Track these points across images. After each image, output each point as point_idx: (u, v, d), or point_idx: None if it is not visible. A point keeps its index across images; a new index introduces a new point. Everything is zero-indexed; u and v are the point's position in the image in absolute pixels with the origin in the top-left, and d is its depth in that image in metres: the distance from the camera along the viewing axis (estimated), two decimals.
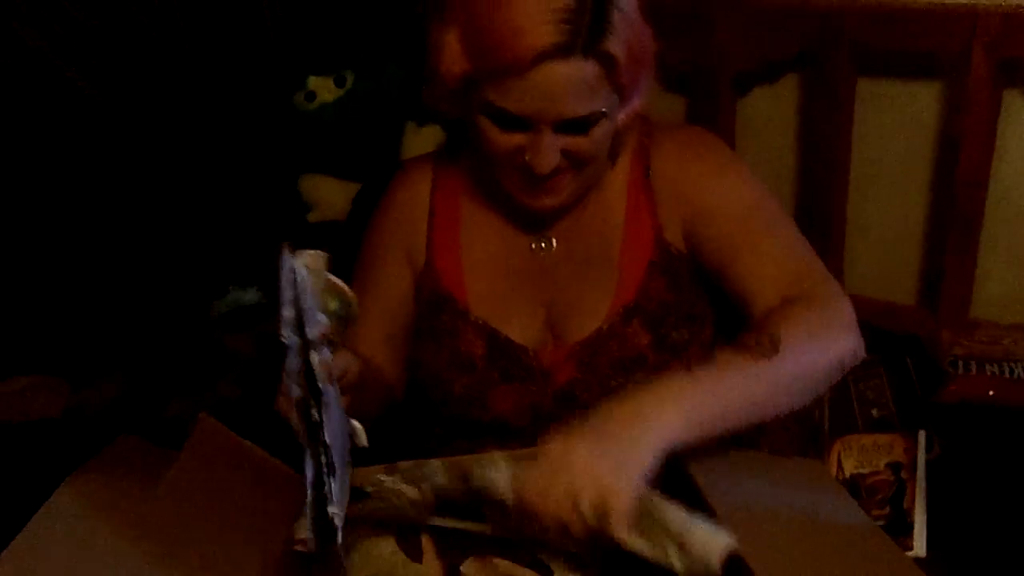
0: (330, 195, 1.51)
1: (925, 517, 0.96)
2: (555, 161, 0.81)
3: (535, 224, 0.94)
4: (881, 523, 0.96)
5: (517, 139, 0.81)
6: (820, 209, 1.39)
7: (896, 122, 1.31)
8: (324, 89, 1.41)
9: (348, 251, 1.36)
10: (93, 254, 1.42)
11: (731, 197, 0.89)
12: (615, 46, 0.78)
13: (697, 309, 0.91)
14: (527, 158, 0.82)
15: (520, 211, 0.92)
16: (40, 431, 1.22)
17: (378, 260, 0.99)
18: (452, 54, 0.81)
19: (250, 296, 1.43)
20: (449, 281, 0.94)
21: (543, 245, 0.94)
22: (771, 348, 0.76)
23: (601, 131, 0.83)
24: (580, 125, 0.81)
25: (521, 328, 0.92)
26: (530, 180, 0.84)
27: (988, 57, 1.15)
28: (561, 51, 0.75)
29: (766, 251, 0.86)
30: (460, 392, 0.92)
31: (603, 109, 0.81)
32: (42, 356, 1.37)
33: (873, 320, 1.33)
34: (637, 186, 0.92)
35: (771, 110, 1.42)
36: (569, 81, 0.77)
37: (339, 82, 1.42)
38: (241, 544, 0.70)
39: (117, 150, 1.41)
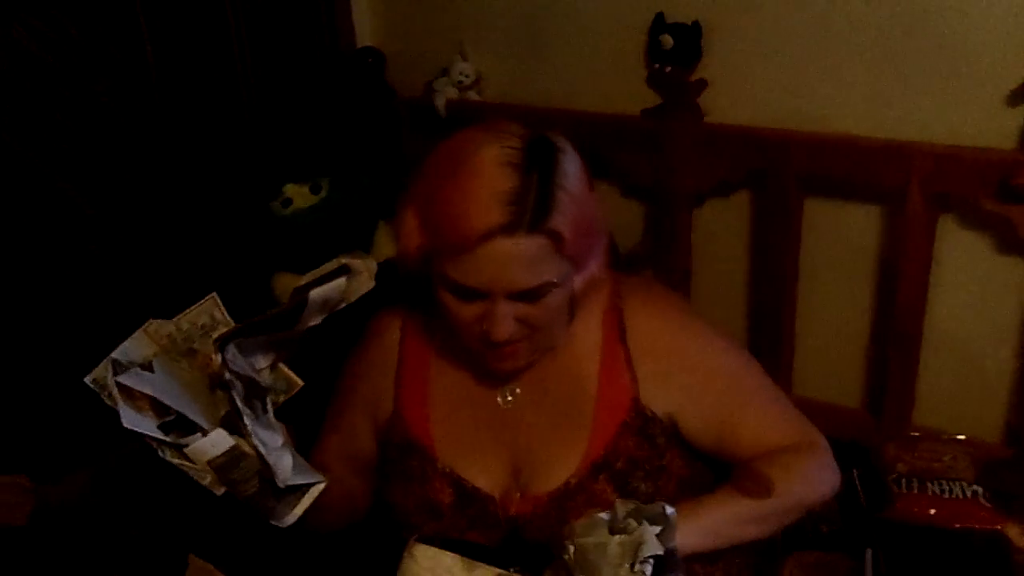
0: None
1: None
2: (510, 329, 0.85)
3: (500, 377, 0.97)
4: None
5: (475, 308, 0.86)
6: (770, 316, 1.46)
7: (840, 240, 1.40)
8: (300, 196, 1.46)
9: (315, 349, 1.40)
10: (58, 346, 1.43)
11: (718, 371, 0.95)
12: (560, 223, 0.82)
13: (665, 462, 0.94)
14: (484, 327, 0.86)
15: (485, 365, 0.96)
16: (8, 540, 1.21)
17: (347, 406, 1.05)
18: (410, 229, 0.88)
19: None
20: (417, 429, 0.98)
21: (509, 398, 0.98)
22: (765, 492, 0.88)
23: (554, 300, 0.87)
24: (532, 295, 0.85)
25: (487, 477, 0.95)
26: (489, 345, 0.88)
27: (923, 190, 1.24)
28: (506, 230, 0.81)
29: (758, 421, 0.93)
30: (431, 536, 0.94)
31: (553, 280, 0.85)
32: (4, 451, 1.36)
33: (818, 422, 1.41)
34: (612, 346, 0.95)
35: (725, 223, 1.50)
36: (516, 256, 0.82)
37: (314, 190, 1.46)
38: None
39: (96, 246, 1.42)
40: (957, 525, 1.12)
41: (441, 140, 0.89)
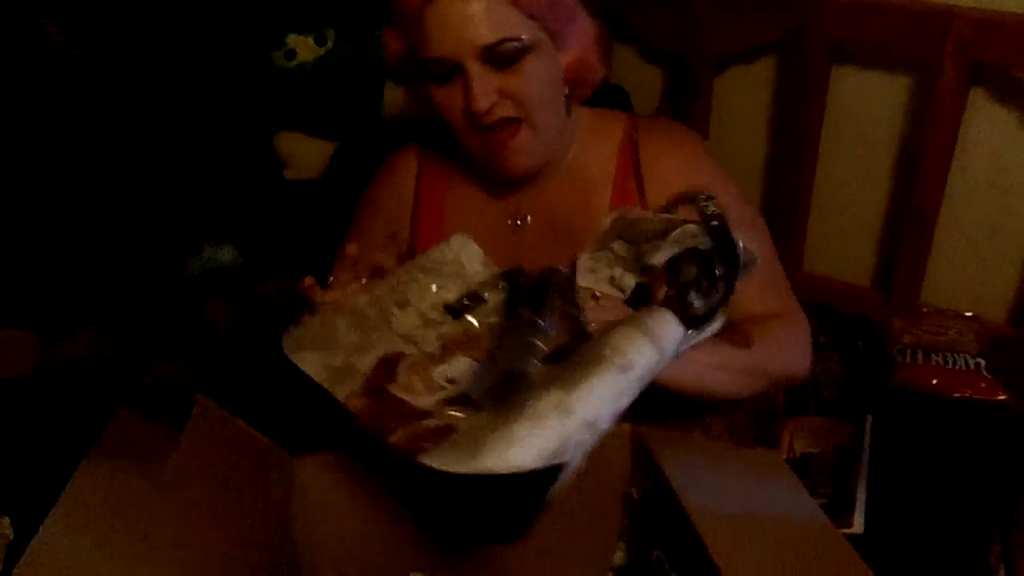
0: (306, 153, 1.50)
1: (865, 497, 1.04)
2: (491, 98, 0.84)
3: (511, 202, 0.98)
4: (825, 501, 1.04)
5: (458, 92, 0.85)
6: (786, 189, 1.44)
7: (866, 111, 1.35)
8: (304, 47, 1.39)
9: (323, 209, 1.37)
10: (66, 205, 1.40)
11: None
12: None
13: None
14: (468, 105, 0.85)
15: (498, 190, 0.96)
16: (14, 389, 1.22)
17: (362, 243, 1.02)
18: (391, 41, 0.90)
19: (225, 255, 1.44)
20: None
21: (519, 223, 0.97)
22: (745, 343, 0.88)
23: (533, 68, 0.85)
24: (502, 57, 0.83)
25: None
26: (486, 133, 0.87)
27: (959, 58, 1.19)
28: None
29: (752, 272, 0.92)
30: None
31: (520, 36, 0.83)
32: (12, 308, 1.36)
33: (827, 299, 1.42)
34: (625, 176, 0.95)
35: (747, 91, 1.45)
36: (466, 5, 0.81)
37: (320, 41, 1.39)
38: (243, 527, 0.74)
39: (94, 103, 1.37)
40: (957, 394, 1.14)
41: None
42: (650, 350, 0.64)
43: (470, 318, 0.77)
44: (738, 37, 1.36)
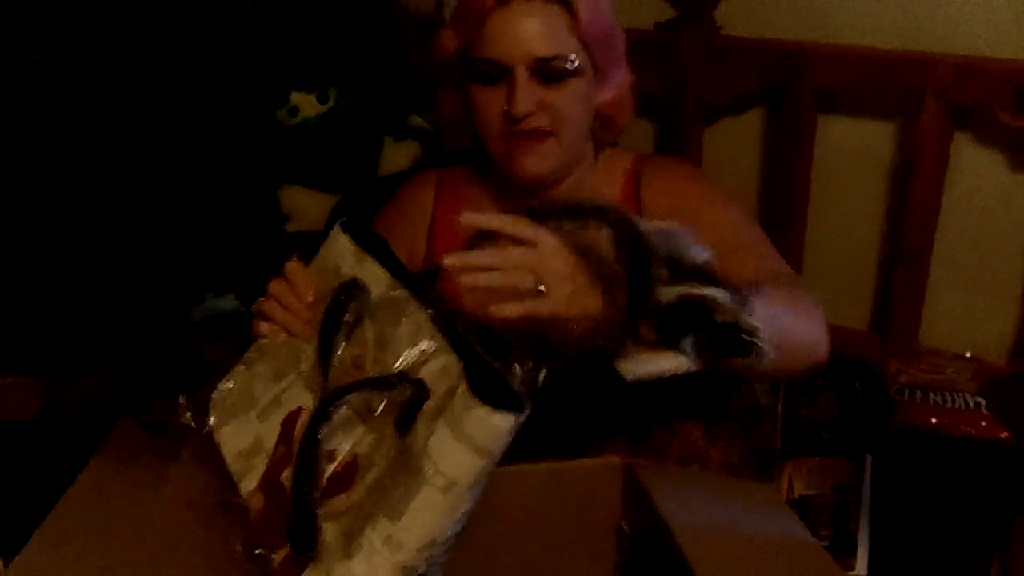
0: (308, 206, 1.53)
1: (867, 538, 1.02)
2: (531, 104, 0.90)
3: (526, 183, 1.01)
4: (826, 543, 1.02)
5: (500, 94, 0.91)
6: (779, 235, 1.45)
7: (853, 157, 1.38)
8: (307, 105, 1.44)
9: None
10: (73, 256, 1.43)
11: (718, 220, 0.97)
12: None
13: None
14: (507, 106, 0.90)
15: (512, 169, 0.99)
16: (17, 432, 1.23)
17: None
18: (447, 39, 0.96)
19: (227, 303, 1.46)
20: (445, 284, 1.00)
21: None
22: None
23: (575, 90, 0.92)
24: (551, 72, 0.90)
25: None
26: (515, 138, 0.92)
27: (940, 102, 1.22)
28: None
29: (750, 262, 0.92)
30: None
31: (571, 57, 0.90)
32: (18, 356, 1.37)
33: None
34: (627, 201, 1.01)
35: (736, 140, 1.48)
36: (532, 18, 0.89)
37: (322, 99, 1.44)
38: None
39: (100, 155, 1.42)
40: (957, 433, 1.12)
41: None
42: (472, 459, 0.59)
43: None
44: (724, 89, 1.40)
